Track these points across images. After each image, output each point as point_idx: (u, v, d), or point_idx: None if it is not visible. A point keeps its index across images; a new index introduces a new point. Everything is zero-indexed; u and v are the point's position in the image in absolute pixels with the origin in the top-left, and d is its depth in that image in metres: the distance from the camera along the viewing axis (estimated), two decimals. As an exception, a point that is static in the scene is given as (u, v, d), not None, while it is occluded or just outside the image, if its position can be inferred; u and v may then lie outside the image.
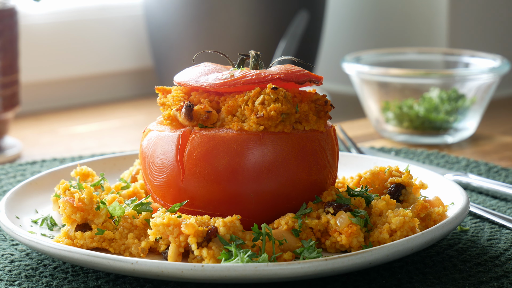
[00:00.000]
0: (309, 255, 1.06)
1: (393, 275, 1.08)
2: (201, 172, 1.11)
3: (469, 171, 1.54)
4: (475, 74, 1.78)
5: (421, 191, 1.26)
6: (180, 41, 2.10)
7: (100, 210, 1.11)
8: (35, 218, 1.19)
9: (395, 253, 1.04)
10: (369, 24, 2.38)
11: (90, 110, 2.23)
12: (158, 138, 1.15)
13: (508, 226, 1.24)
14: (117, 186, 1.27)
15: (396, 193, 1.18)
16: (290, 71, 1.14)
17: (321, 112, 1.15)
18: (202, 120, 1.13)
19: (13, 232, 1.08)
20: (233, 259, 1.02)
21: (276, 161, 1.10)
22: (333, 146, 1.16)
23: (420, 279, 1.07)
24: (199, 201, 1.12)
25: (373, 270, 1.10)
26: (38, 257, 1.14)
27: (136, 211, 1.13)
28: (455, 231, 1.24)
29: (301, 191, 1.13)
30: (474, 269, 1.10)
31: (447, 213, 1.17)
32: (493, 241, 1.20)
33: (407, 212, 1.11)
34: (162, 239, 1.08)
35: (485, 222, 1.27)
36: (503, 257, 1.14)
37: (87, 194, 1.11)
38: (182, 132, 1.12)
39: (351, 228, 1.09)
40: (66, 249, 1.03)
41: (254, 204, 1.11)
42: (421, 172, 1.31)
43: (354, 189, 1.16)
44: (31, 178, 1.27)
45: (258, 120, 1.10)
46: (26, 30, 2.15)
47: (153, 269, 0.99)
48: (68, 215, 1.10)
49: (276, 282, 1.05)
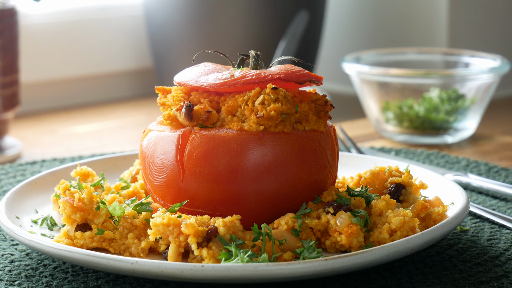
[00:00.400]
0: (309, 255, 1.06)
1: (393, 275, 1.08)
2: (201, 172, 1.11)
3: (469, 171, 1.54)
4: (475, 74, 1.78)
5: (421, 191, 1.26)
6: (180, 41, 2.10)
7: (100, 210, 1.11)
8: (35, 218, 1.19)
9: (395, 253, 1.04)
10: (369, 24, 2.38)
11: (90, 110, 2.23)
12: (158, 138, 1.15)
13: (508, 226, 1.24)
14: (117, 186, 1.27)
15: (396, 193, 1.18)
16: (290, 71, 1.14)
17: (321, 112, 1.15)
18: (202, 120, 1.13)
19: (13, 232, 1.08)
20: (233, 259, 1.02)
21: (276, 161, 1.10)
22: (333, 146, 1.16)
23: (420, 279, 1.07)
24: (199, 201, 1.12)
25: (373, 270, 1.10)
26: (38, 257, 1.14)
27: (136, 211, 1.13)
28: (455, 231, 1.24)
29: (301, 191, 1.13)
30: (474, 269, 1.10)
31: (447, 213, 1.17)
32: (493, 241, 1.20)
33: (407, 212, 1.11)
34: (162, 239, 1.08)
35: (485, 222, 1.27)
36: (503, 257, 1.14)
37: (87, 194, 1.11)
38: (182, 132, 1.12)
39: (351, 228, 1.09)
40: (66, 249, 1.03)
41: (254, 204, 1.11)
42: (421, 172, 1.31)
43: (354, 189, 1.16)
44: (31, 178, 1.27)
45: (258, 120, 1.10)
46: (26, 30, 2.16)
47: (153, 269, 0.99)
48: (68, 215, 1.10)
49: (276, 282, 1.05)
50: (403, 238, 1.06)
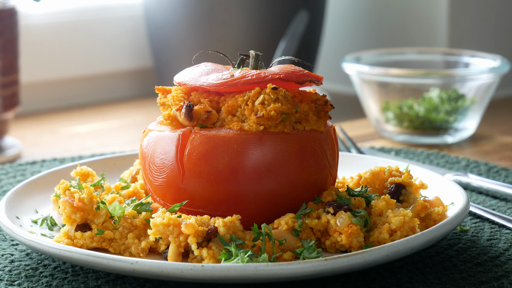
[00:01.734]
0: (309, 255, 1.06)
1: (393, 275, 1.08)
2: (201, 172, 1.11)
3: (469, 171, 1.54)
4: (475, 74, 1.78)
5: (421, 191, 1.26)
6: (180, 41, 2.10)
7: (100, 210, 1.11)
8: (35, 218, 1.19)
9: (395, 253, 1.04)
10: (369, 24, 2.38)
11: (90, 110, 2.23)
12: (158, 138, 1.15)
13: (508, 226, 1.24)
14: (117, 186, 1.27)
15: (396, 193, 1.18)
16: (290, 71, 1.14)
17: (321, 112, 1.15)
18: (202, 120, 1.13)
19: (13, 232, 1.08)
20: (233, 259, 1.02)
21: (276, 161, 1.10)
22: (333, 146, 1.16)
23: (420, 279, 1.07)
24: (199, 201, 1.12)
25: (373, 270, 1.10)
26: (38, 257, 1.14)
27: (136, 211, 1.13)
28: (455, 231, 1.24)
29: (301, 191, 1.13)
30: (474, 269, 1.10)
31: (447, 213, 1.17)
32: (493, 241, 1.20)
33: (407, 212, 1.11)
34: (162, 239, 1.08)
35: (485, 222, 1.27)
36: (503, 257, 1.14)
37: (87, 194, 1.11)
38: (182, 132, 1.12)
39: (351, 228, 1.09)
40: (66, 249, 1.03)
41: (254, 204, 1.11)
42: (421, 172, 1.31)
43: (354, 189, 1.16)
44: (31, 178, 1.27)
45: (258, 120, 1.10)
46: (26, 30, 2.16)
47: (153, 269, 0.99)
48: (68, 215, 1.10)
49: (276, 282, 1.05)
50: (403, 238, 1.06)
